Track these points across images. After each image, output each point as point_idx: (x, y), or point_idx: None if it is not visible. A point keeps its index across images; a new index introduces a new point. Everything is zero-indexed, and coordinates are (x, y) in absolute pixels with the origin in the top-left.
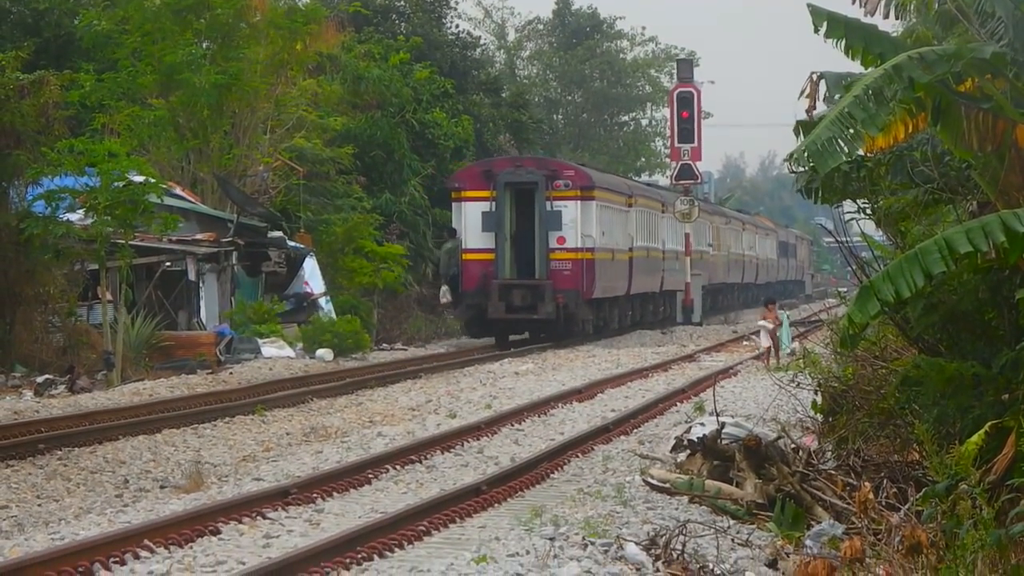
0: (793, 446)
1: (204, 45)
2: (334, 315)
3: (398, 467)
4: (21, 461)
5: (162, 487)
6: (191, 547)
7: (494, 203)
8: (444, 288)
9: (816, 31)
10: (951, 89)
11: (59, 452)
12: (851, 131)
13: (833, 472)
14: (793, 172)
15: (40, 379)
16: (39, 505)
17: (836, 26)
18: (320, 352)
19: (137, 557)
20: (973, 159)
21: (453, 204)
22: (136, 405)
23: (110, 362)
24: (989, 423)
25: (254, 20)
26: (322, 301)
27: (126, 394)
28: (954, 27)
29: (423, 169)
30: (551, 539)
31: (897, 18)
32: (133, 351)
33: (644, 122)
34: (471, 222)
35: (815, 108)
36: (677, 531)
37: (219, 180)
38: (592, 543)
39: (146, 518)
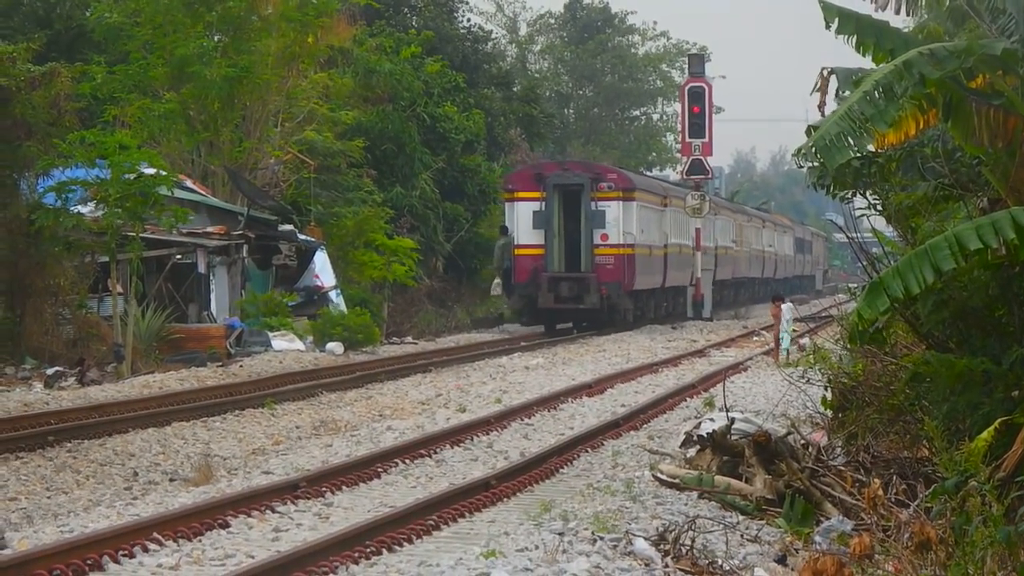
0: (803, 442)
1: (216, 38)
2: (344, 308)
3: (407, 461)
4: (31, 453)
5: (171, 480)
6: (200, 540)
7: (544, 203)
8: (496, 281)
9: (827, 27)
10: (962, 85)
11: (68, 444)
12: (860, 127)
13: (843, 468)
14: (800, 167)
15: (50, 371)
16: (48, 497)
17: (847, 22)
18: (330, 345)
19: (146, 550)
20: (984, 155)
21: (506, 204)
22: (146, 398)
23: (120, 354)
24: (999, 420)
25: (266, 13)
26: (332, 294)
27: (136, 386)
28: (965, 23)
29: (434, 163)
30: (560, 534)
31: (909, 14)
32: (143, 344)
33: (655, 117)
34: (523, 220)
35: (825, 104)
36: (686, 527)
37: (230, 173)
38: (601, 538)
39: (155, 511)
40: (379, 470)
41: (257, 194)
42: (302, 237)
